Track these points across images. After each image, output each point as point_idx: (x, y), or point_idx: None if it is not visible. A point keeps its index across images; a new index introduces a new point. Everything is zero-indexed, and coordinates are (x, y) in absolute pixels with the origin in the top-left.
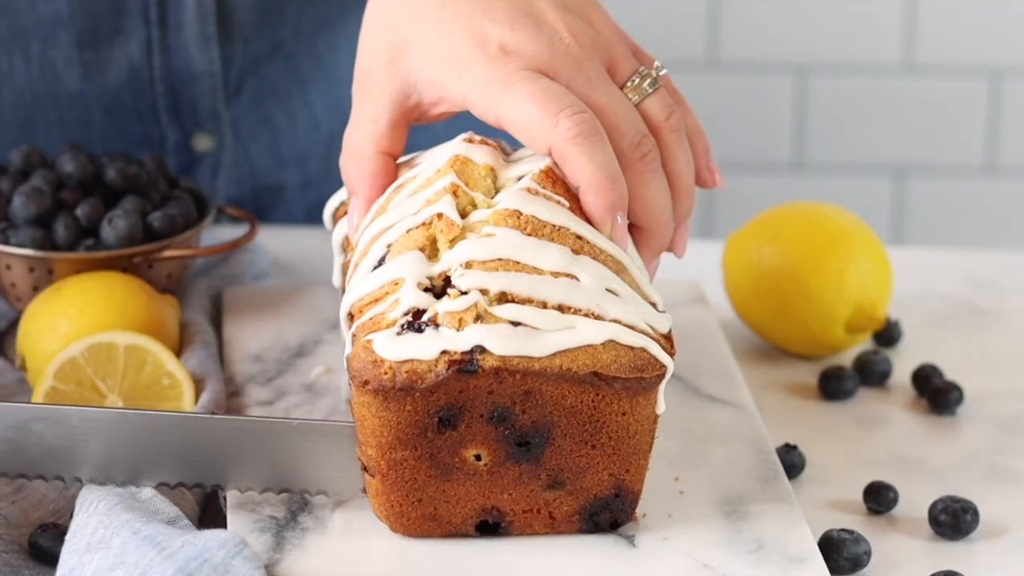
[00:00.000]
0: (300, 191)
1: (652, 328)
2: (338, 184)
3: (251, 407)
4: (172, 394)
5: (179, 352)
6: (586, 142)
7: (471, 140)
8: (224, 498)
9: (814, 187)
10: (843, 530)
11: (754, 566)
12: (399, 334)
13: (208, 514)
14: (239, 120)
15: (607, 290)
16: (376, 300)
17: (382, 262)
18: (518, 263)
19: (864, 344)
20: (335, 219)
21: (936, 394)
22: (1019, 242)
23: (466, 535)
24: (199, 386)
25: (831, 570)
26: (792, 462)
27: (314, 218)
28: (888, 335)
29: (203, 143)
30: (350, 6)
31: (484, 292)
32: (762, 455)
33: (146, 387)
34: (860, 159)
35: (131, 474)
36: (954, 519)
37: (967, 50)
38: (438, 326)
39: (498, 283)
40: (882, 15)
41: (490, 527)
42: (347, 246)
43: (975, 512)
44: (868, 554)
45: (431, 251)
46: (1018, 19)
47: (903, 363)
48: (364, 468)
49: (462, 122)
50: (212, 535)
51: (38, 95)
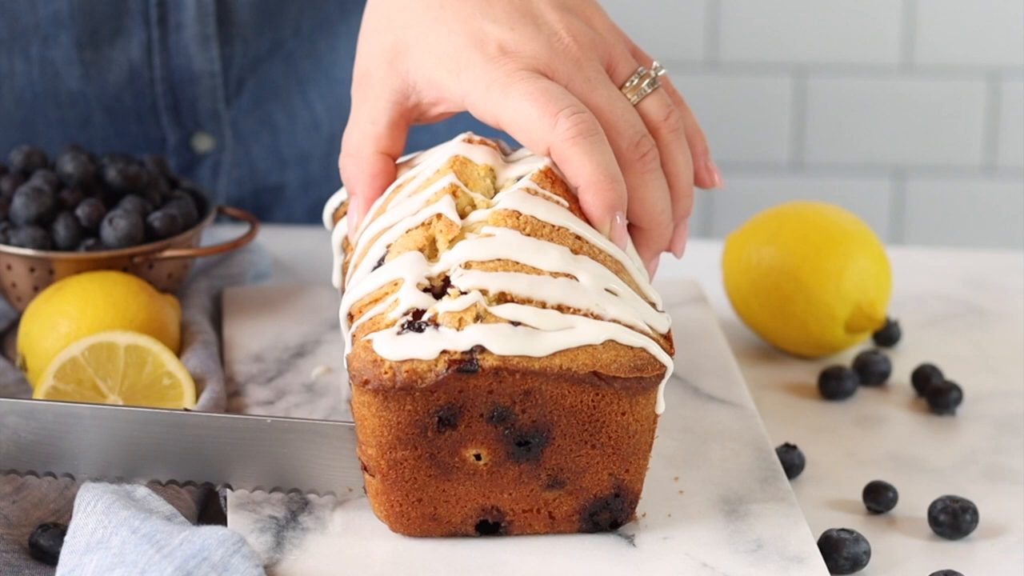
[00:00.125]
0: (300, 191)
1: (651, 328)
2: (338, 184)
3: (251, 407)
4: (172, 394)
5: (179, 352)
6: (585, 142)
7: (470, 140)
8: (224, 498)
9: (813, 187)
10: (843, 530)
11: (754, 566)
12: (399, 334)
13: (208, 514)
14: (239, 120)
15: (606, 290)
16: (376, 300)
17: (382, 262)
18: (517, 263)
19: (863, 344)
20: (335, 219)
21: (935, 394)
22: (1018, 242)
23: (466, 535)
24: (199, 386)
25: (831, 570)
26: (792, 462)
27: (314, 218)
28: (887, 335)
29: (203, 143)
30: (350, 6)
31: (484, 292)
32: (762, 455)
33: (147, 387)
34: (859, 159)
35: (129, 471)
36: (953, 519)
37: (966, 51)
38: (438, 326)
39: (497, 283)
40: (881, 16)
41: (490, 527)
42: (347, 246)
43: (974, 512)
44: (867, 554)
45: (430, 251)
46: (1017, 20)
47: (902, 363)
48: (364, 468)
49: (463, 122)
50: (210, 532)
51: (38, 95)
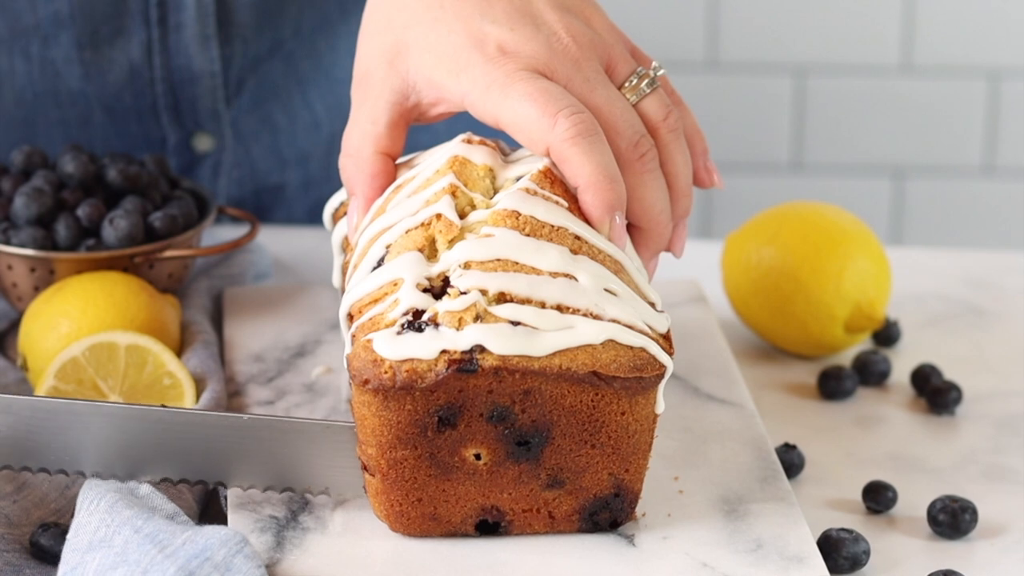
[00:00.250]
0: (300, 191)
1: (651, 328)
2: (338, 184)
3: (252, 407)
4: (173, 394)
5: (180, 352)
6: (584, 142)
7: (470, 141)
8: (225, 497)
9: (813, 187)
10: (842, 529)
11: (753, 565)
12: (399, 333)
13: (209, 513)
14: (239, 120)
15: (605, 290)
16: (375, 300)
17: (381, 263)
18: (517, 263)
19: (863, 344)
20: (335, 219)
21: (935, 394)
22: (1018, 242)
23: (466, 535)
24: (200, 386)
25: (830, 569)
26: (791, 461)
27: (314, 218)
28: (887, 335)
29: (203, 143)
30: (350, 6)
31: (483, 292)
32: (761, 454)
33: (147, 387)
34: (859, 159)
35: (131, 470)
36: (953, 518)
37: (965, 51)
38: (438, 326)
39: (497, 283)
40: (881, 16)
41: (490, 526)
42: (347, 246)
43: (974, 511)
44: (867, 553)
45: (430, 252)
46: (1016, 20)
47: (902, 363)
48: (364, 467)
49: (463, 122)
50: (213, 532)
51: (39, 95)
